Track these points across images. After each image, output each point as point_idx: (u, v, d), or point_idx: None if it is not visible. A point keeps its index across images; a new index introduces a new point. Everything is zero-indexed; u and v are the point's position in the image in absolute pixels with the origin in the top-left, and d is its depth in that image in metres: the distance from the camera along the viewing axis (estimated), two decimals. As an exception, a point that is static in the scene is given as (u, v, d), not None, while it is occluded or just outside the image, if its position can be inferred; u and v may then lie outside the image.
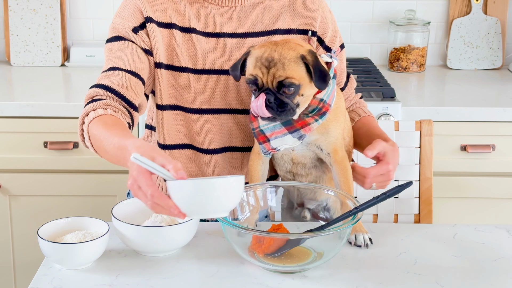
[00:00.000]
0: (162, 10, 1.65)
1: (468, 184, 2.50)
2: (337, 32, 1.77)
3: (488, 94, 2.65)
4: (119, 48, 1.62)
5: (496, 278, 1.42)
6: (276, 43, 1.51)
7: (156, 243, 1.46)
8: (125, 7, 1.66)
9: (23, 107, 2.43)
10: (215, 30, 1.67)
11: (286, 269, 1.42)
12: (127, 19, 1.63)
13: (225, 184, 1.29)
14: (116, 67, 1.60)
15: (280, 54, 1.48)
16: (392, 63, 2.98)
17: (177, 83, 1.67)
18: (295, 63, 1.48)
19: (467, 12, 3.00)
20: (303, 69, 1.49)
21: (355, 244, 1.54)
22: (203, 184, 1.28)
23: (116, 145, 1.40)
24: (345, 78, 1.81)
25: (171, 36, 1.65)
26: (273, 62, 1.48)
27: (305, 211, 1.65)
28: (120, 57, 1.61)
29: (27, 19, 2.92)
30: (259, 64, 1.49)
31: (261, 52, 1.50)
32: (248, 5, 1.69)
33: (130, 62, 1.60)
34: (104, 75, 1.60)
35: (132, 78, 1.59)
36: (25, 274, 2.56)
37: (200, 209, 1.29)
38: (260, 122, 1.56)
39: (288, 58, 1.48)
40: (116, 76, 1.59)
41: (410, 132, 1.91)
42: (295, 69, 1.48)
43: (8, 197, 2.51)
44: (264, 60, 1.49)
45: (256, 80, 1.50)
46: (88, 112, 1.53)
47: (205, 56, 1.66)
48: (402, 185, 1.46)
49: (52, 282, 1.39)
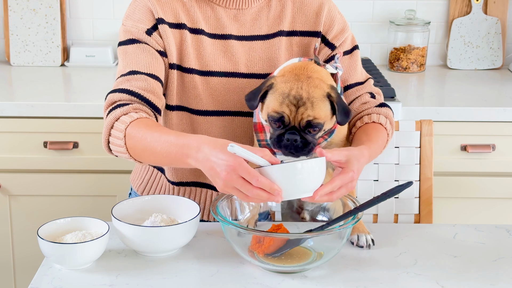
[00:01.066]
0: (172, 11, 1.63)
1: (468, 184, 2.50)
2: (345, 31, 1.72)
3: (488, 94, 2.65)
4: (134, 51, 1.61)
5: (496, 278, 1.42)
6: (299, 79, 1.48)
7: (156, 243, 1.46)
8: (135, 8, 1.64)
9: (23, 107, 2.43)
10: (222, 32, 1.66)
11: (286, 269, 1.42)
12: (139, 21, 1.62)
13: (314, 164, 1.36)
14: (135, 71, 1.58)
15: (308, 92, 1.45)
16: (392, 63, 2.98)
17: (184, 84, 1.67)
18: (322, 102, 1.46)
19: (467, 12, 3.00)
20: (328, 108, 1.48)
21: (357, 244, 1.53)
22: (298, 166, 1.34)
23: (174, 143, 1.41)
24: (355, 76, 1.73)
25: (181, 36, 1.64)
26: (301, 101, 1.45)
27: (305, 213, 1.64)
28: (138, 60, 1.59)
29: (27, 19, 2.92)
30: (286, 102, 1.45)
31: (287, 88, 1.46)
32: (255, 8, 1.69)
33: (149, 65, 1.59)
34: (124, 79, 1.58)
35: (153, 81, 1.58)
36: (25, 274, 2.56)
37: (293, 190, 1.35)
38: (267, 136, 1.55)
39: (316, 97, 1.46)
40: (138, 80, 1.57)
41: (410, 132, 1.91)
42: (322, 108, 1.46)
43: (8, 197, 2.51)
44: (292, 98, 1.45)
45: (282, 117, 1.46)
46: (118, 117, 1.51)
47: (211, 58, 1.66)
48: (402, 185, 1.45)
49: (52, 282, 1.39)
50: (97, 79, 2.75)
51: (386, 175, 1.90)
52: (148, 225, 1.50)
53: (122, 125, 1.49)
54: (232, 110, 1.69)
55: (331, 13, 1.71)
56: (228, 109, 1.69)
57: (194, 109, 1.68)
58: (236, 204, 1.54)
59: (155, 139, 1.44)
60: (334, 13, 1.71)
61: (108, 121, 1.52)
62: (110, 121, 1.52)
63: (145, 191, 1.80)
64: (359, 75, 1.75)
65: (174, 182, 1.75)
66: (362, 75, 1.76)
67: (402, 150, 1.90)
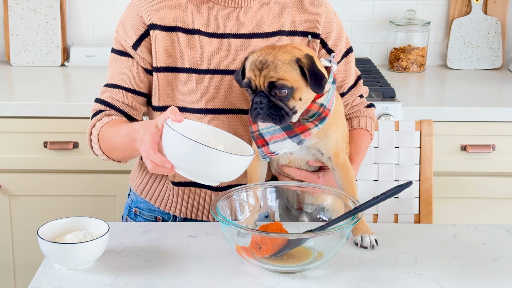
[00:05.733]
0: (166, 14, 1.66)
1: (468, 184, 2.50)
2: (342, 35, 1.75)
3: (488, 94, 2.65)
4: (122, 63, 1.70)
5: (496, 278, 1.42)
6: (273, 47, 1.51)
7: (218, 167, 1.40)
8: (128, 14, 1.69)
9: (23, 107, 2.43)
10: (220, 31, 1.68)
11: (286, 269, 1.42)
12: (127, 34, 1.68)
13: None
14: (116, 85, 1.69)
15: (274, 56, 1.48)
16: (392, 63, 2.98)
17: (179, 84, 1.67)
18: (288, 65, 1.47)
19: (467, 12, 3.00)
20: (297, 72, 1.48)
21: (361, 245, 1.53)
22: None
23: (125, 133, 1.54)
24: (351, 83, 1.79)
25: (173, 39, 1.66)
26: (266, 64, 1.48)
27: (303, 215, 1.64)
28: (122, 73, 1.69)
29: (27, 19, 2.92)
30: (253, 67, 1.49)
31: (257, 56, 1.50)
32: (254, 6, 1.69)
33: (131, 80, 1.69)
34: (105, 90, 1.71)
35: (132, 96, 1.69)
36: (25, 274, 2.56)
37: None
38: (259, 126, 1.56)
39: (281, 60, 1.47)
40: (117, 93, 1.69)
41: (410, 132, 1.91)
42: (287, 71, 1.47)
43: (8, 197, 2.51)
44: (258, 63, 1.49)
45: (250, 83, 1.50)
46: (94, 123, 1.67)
47: (209, 57, 1.67)
48: (402, 185, 1.45)
49: (52, 282, 1.39)
50: (97, 79, 2.75)
51: (386, 175, 1.90)
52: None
53: (95, 131, 1.65)
54: (231, 108, 1.69)
55: (329, 15, 1.73)
56: (227, 107, 1.69)
57: (193, 108, 1.68)
58: (236, 204, 1.54)
59: (113, 134, 1.59)
60: (331, 16, 1.74)
61: (88, 128, 1.69)
62: (89, 127, 1.69)
63: (144, 192, 1.80)
64: (352, 77, 1.79)
65: (173, 182, 1.75)
66: (354, 76, 1.80)
67: (402, 150, 1.90)
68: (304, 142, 1.55)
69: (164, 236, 1.58)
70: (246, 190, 1.57)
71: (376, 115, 1.87)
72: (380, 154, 1.91)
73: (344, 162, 1.58)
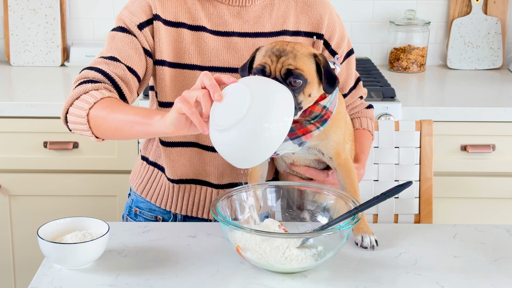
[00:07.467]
0: (172, 9, 1.66)
1: (468, 184, 2.50)
2: (345, 36, 1.76)
3: (488, 94, 2.65)
4: (122, 39, 1.63)
5: (496, 278, 1.42)
6: (288, 41, 1.49)
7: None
8: (135, 0, 1.67)
9: (23, 107, 2.43)
10: (224, 29, 1.68)
11: (286, 269, 1.42)
12: (134, 14, 1.64)
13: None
14: (117, 59, 1.60)
15: (293, 47, 1.46)
16: (392, 63, 2.98)
17: (184, 81, 1.67)
18: (307, 58, 1.46)
19: (467, 12, 3.00)
20: (313, 67, 1.46)
21: (361, 245, 1.53)
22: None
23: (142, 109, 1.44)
24: (352, 84, 1.80)
25: (178, 34, 1.66)
26: (284, 52, 1.45)
27: (305, 213, 1.64)
28: (122, 49, 1.62)
29: (27, 19, 2.92)
30: (269, 53, 1.45)
31: (272, 45, 1.47)
32: (258, 5, 1.70)
33: (130, 59, 1.61)
34: (103, 61, 1.60)
35: (130, 74, 1.60)
36: (25, 274, 2.56)
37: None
38: None
39: (300, 52, 1.45)
40: (117, 67, 1.59)
41: (410, 132, 1.91)
42: (306, 63, 1.45)
43: (8, 197, 2.51)
44: (276, 50, 1.45)
45: (264, 68, 1.45)
46: (88, 90, 1.52)
47: (214, 54, 1.67)
48: (402, 185, 1.46)
49: (52, 282, 1.39)
50: (97, 79, 2.75)
51: (386, 175, 1.90)
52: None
53: (91, 98, 1.49)
54: None
55: (332, 17, 1.74)
56: None
57: None
58: (236, 204, 1.54)
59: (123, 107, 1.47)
60: (334, 17, 1.74)
61: (75, 92, 1.53)
62: (77, 92, 1.53)
63: (144, 191, 1.80)
64: (353, 79, 1.80)
65: (173, 180, 1.75)
66: (354, 77, 1.81)
67: (402, 150, 1.91)
68: (305, 144, 1.55)
69: (164, 236, 1.58)
70: (246, 190, 1.56)
71: (375, 115, 1.87)
72: (380, 154, 1.91)
73: (345, 162, 1.58)
